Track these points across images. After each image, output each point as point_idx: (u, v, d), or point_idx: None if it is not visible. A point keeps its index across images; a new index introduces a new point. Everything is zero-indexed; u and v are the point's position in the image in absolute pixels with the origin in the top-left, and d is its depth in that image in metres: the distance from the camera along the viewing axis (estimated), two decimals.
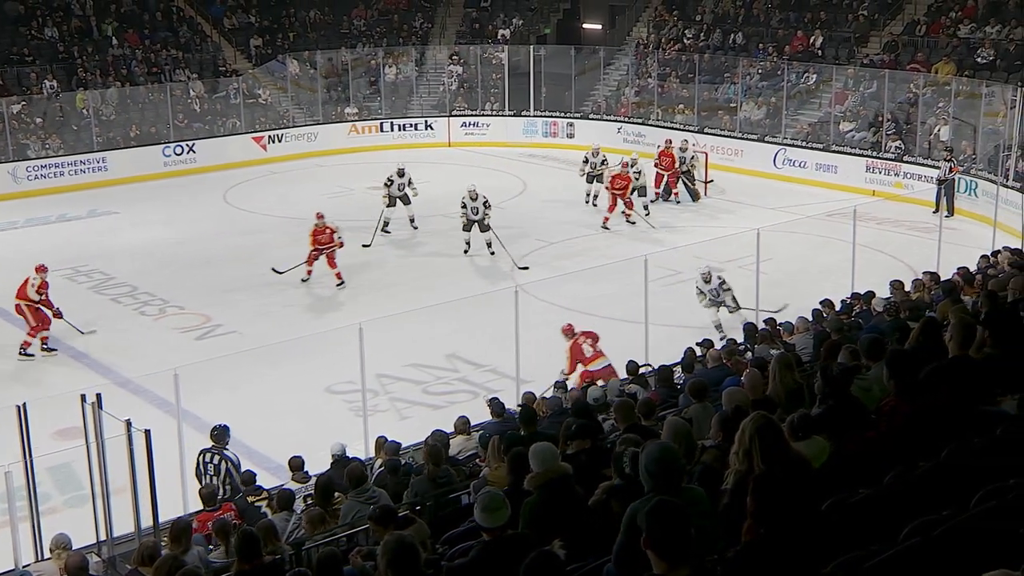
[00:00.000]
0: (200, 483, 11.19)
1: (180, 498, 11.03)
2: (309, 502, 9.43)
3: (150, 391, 14.50)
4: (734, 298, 17.03)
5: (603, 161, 25.46)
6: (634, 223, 23.47)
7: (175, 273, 20.96)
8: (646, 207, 24.44)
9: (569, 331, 14.80)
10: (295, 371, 15.53)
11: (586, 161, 25.67)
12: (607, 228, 23.50)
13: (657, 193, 25.70)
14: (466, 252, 21.86)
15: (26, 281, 17.31)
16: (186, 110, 31.50)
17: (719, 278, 16.98)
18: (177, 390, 11.72)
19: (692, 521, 3.85)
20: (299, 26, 36.33)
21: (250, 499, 10.35)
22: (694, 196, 26.00)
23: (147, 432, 9.97)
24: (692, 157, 26.42)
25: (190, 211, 25.96)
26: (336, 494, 9.27)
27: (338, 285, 20.06)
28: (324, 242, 20.10)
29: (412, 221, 23.59)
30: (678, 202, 25.75)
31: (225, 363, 15.15)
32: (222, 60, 34.00)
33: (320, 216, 20.30)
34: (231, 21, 35.43)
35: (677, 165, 25.85)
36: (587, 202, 25.49)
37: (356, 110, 33.93)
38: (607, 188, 23.81)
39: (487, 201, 21.70)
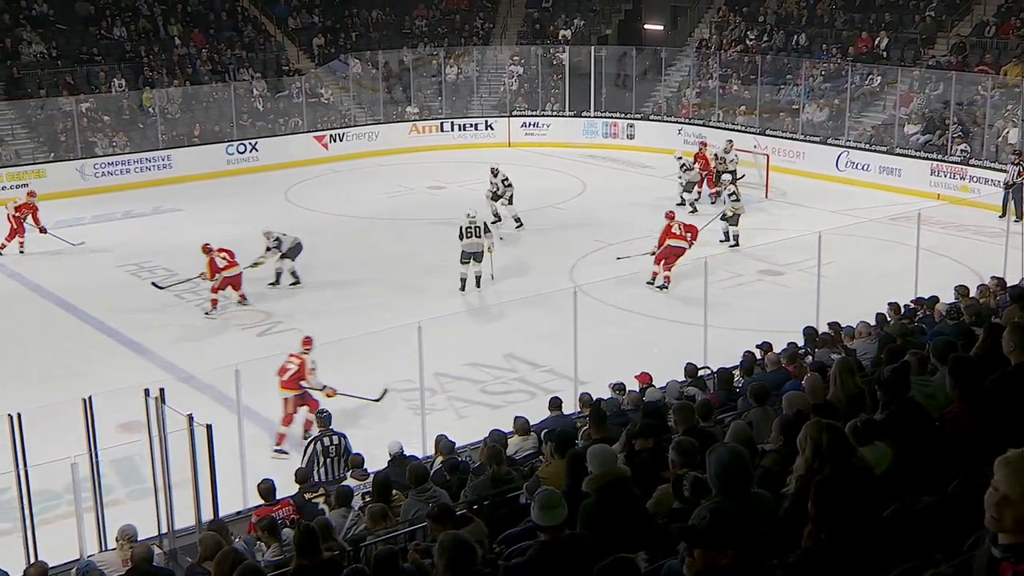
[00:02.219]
0: (314, 470, 11.53)
1: (240, 492, 11.15)
2: (367, 499, 9.48)
3: (211, 386, 14.67)
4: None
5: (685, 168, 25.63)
6: None
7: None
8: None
9: (206, 249, 18.59)
10: (354, 369, 15.61)
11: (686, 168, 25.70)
12: None
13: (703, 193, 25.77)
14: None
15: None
16: (249, 109, 31.88)
17: None
18: (238, 386, 11.88)
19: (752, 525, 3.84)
20: (361, 26, 36.62)
21: (307, 495, 10.43)
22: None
23: (208, 427, 10.11)
24: (733, 159, 26.08)
25: (252, 209, 26.21)
26: (394, 492, 9.32)
27: None
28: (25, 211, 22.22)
29: (517, 219, 23.83)
30: (713, 202, 25.42)
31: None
32: (285, 59, 34.37)
33: (31, 194, 22.90)
34: (295, 21, 35.82)
35: (713, 166, 25.69)
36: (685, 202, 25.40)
37: (417, 110, 34.11)
38: None
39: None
